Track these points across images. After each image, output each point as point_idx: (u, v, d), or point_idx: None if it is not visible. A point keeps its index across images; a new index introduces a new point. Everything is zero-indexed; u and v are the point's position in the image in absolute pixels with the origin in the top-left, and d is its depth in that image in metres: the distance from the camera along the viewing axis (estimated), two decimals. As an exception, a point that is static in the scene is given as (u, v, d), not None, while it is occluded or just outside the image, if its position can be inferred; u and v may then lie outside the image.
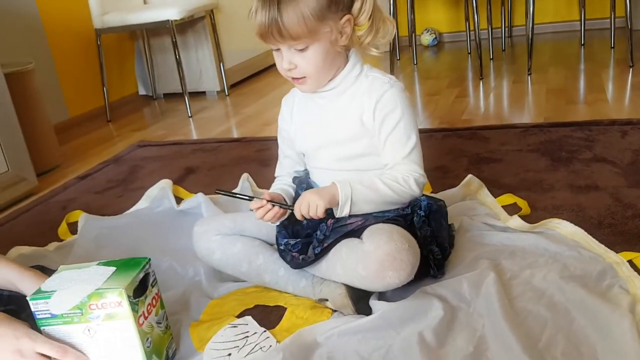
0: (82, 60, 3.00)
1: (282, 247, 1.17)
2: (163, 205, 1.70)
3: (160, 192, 1.74)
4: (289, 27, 1.00)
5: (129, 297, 0.91)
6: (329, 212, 1.08)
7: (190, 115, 2.86)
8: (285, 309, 1.12)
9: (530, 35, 2.69)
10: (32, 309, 0.92)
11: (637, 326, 0.91)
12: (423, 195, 1.13)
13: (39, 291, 0.93)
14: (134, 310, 0.92)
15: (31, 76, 2.24)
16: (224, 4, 3.18)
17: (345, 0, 1.04)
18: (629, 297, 0.99)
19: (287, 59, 1.05)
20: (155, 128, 2.77)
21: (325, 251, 1.09)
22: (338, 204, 1.05)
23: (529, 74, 2.70)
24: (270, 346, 1.00)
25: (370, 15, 1.07)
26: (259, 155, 2.07)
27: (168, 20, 2.72)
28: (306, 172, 1.25)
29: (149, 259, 0.99)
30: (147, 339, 0.95)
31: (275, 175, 1.30)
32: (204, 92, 3.30)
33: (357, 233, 1.09)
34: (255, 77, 3.56)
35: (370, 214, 1.10)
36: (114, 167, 2.19)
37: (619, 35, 3.10)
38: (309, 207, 1.05)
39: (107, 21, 2.82)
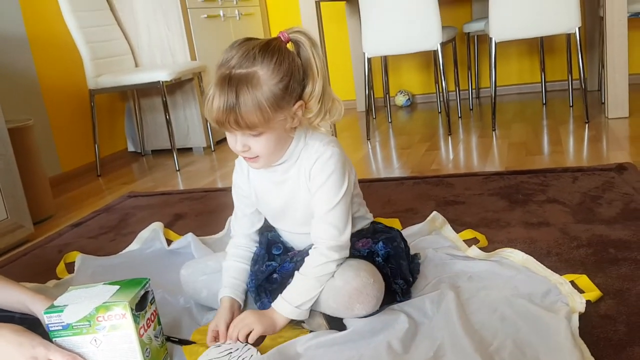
0: (76, 119, 3.17)
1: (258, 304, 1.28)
2: (154, 246, 1.83)
3: (152, 233, 1.87)
4: (246, 116, 1.05)
5: (131, 309, 1.04)
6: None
7: (177, 168, 3.02)
8: (269, 329, 1.25)
9: (493, 96, 2.93)
10: (46, 322, 1.05)
11: (571, 329, 1.06)
12: (380, 242, 1.24)
13: (52, 306, 1.06)
14: (136, 322, 1.05)
15: (31, 131, 2.40)
16: (211, 66, 3.40)
17: (297, 88, 1.11)
18: (567, 308, 1.14)
19: (240, 142, 1.11)
20: (144, 181, 2.91)
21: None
22: (275, 331, 1.16)
23: (493, 130, 2.93)
24: (252, 355, 1.13)
25: (320, 99, 1.13)
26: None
27: (159, 82, 2.92)
28: (274, 232, 1.35)
29: (149, 279, 1.13)
30: (147, 349, 1.07)
31: (232, 234, 1.37)
32: (190, 148, 3.48)
33: None
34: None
35: None
36: (105, 215, 2.32)
37: (577, 95, 3.37)
38: (244, 329, 1.14)
39: (101, 82, 3.01)
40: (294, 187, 1.21)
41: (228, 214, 2.04)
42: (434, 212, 1.70)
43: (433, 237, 1.58)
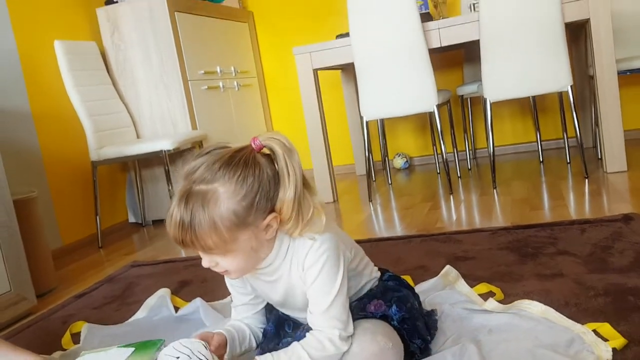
0: (77, 191, 3.18)
1: None
2: (161, 313, 1.79)
3: (159, 300, 1.84)
4: (201, 238, 0.97)
5: (148, 371, 1.00)
6: None
7: (180, 238, 2.99)
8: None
9: (492, 155, 2.97)
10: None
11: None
12: (394, 305, 1.19)
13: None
14: (152, 383, 1.01)
15: (34, 203, 2.40)
16: (212, 136, 3.45)
17: (266, 203, 1.02)
18: (594, 356, 1.12)
19: (206, 259, 1.04)
20: (146, 251, 2.89)
21: None
22: None
23: (494, 188, 2.94)
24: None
25: (294, 209, 1.03)
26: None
27: (162, 151, 2.95)
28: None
29: (163, 340, 1.10)
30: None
31: (232, 318, 1.29)
32: (191, 218, 3.46)
33: None
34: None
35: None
36: (108, 285, 2.28)
37: (573, 152, 3.43)
38: None
39: (104, 154, 3.04)
40: (288, 282, 1.14)
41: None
42: (447, 266, 1.68)
43: (447, 292, 1.55)
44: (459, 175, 3.44)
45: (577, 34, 3.50)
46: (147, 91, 3.37)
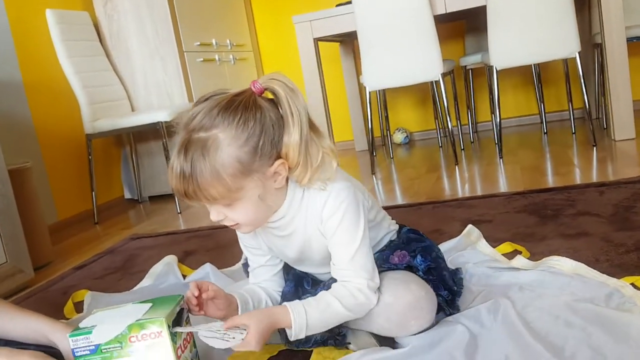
0: (72, 165, 3.08)
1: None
2: (168, 281, 1.72)
3: (165, 267, 1.76)
4: (204, 188, 0.91)
5: (168, 327, 0.93)
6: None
7: (179, 211, 2.92)
8: (311, 351, 1.14)
9: (498, 122, 2.91)
10: (71, 346, 0.93)
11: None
12: (418, 255, 1.13)
13: (77, 329, 0.95)
14: (173, 341, 0.94)
15: (29, 174, 2.31)
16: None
17: (268, 148, 0.95)
18: (638, 307, 1.06)
19: (215, 211, 0.98)
20: (144, 225, 2.80)
21: None
22: (291, 327, 1.00)
23: (500, 158, 2.88)
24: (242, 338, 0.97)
25: (301, 153, 0.96)
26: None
27: (159, 122, 2.85)
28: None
29: (183, 296, 1.03)
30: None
31: (251, 283, 1.22)
32: (189, 193, 3.37)
33: None
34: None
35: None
36: (109, 257, 2.20)
37: (577, 124, 3.37)
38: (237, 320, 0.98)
39: (98, 126, 2.94)
40: (304, 236, 1.07)
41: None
42: (470, 226, 1.62)
43: (470, 252, 1.49)
44: (462, 147, 3.37)
45: (581, 2, 3.43)
46: (142, 63, 3.26)
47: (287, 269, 1.24)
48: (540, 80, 3.62)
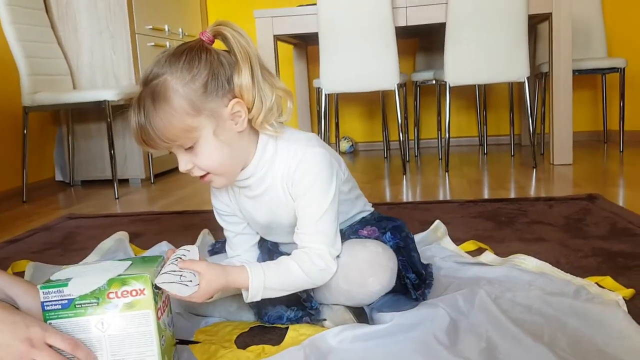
0: (3, 138, 2.88)
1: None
2: (118, 257, 1.62)
3: (116, 243, 1.66)
4: (159, 129, 0.92)
5: (152, 285, 0.87)
6: None
7: (117, 196, 2.78)
8: (285, 328, 1.10)
9: (448, 137, 2.98)
10: (42, 299, 0.85)
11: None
12: (388, 232, 1.14)
13: (49, 281, 0.87)
14: (155, 301, 0.87)
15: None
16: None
17: (219, 86, 0.95)
18: (611, 302, 1.09)
19: (182, 160, 0.97)
20: (78, 207, 2.65)
21: None
22: (247, 288, 0.99)
23: (446, 171, 2.96)
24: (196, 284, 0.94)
25: (254, 91, 0.96)
26: (208, 223, 2.04)
27: (105, 101, 2.72)
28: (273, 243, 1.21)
29: (163, 257, 0.96)
30: (162, 337, 0.90)
31: (228, 256, 1.19)
32: (126, 180, 3.24)
33: None
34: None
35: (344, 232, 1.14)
36: (45, 233, 2.06)
37: (508, 149, 3.51)
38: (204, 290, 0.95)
39: (38, 99, 2.77)
40: (274, 198, 1.06)
41: (195, 232, 1.87)
42: (437, 221, 1.63)
43: (436, 247, 1.50)
44: (407, 159, 3.43)
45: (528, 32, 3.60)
46: (90, 39, 3.11)
47: (260, 244, 1.21)
48: (485, 103, 3.75)
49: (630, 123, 3.59)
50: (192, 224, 2.05)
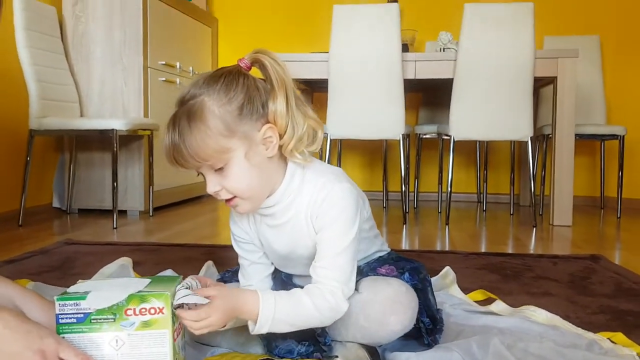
0: (5, 160, 2.86)
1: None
2: (119, 284, 1.59)
3: (119, 269, 1.63)
4: (193, 148, 0.92)
5: (171, 304, 0.85)
6: None
7: (115, 226, 2.75)
8: (296, 362, 1.07)
9: (449, 190, 3.00)
10: (57, 311, 0.83)
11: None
12: (406, 273, 1.14)
13: (66, 293, 0.85)
14: (172, 321, 0.85)
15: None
16: (164, 128, 3.25)
17: (253, 110, 0.96)
18: (626, 357, 1.08)
19: (211, 181, 0.97)
20: (76, 234, 2.61)
21: None
22: (255, 318, 0.95)
23: (447, 224, 2.96)
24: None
25: (288, 118, 0.97)
26: (209, 257, 2.02)
27: (113, 130, 2.73)
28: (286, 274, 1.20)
29: (181, 277, 0.95)
30: (176, 352, 0.87)
31: (242, 285, 1.16)
32: (125, 211, 3.21)
33: None
34: (181, 204, 3.55)
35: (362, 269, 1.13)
36: (43, 257, 2.02)
37: (508, 209, 3.54)
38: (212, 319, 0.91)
39: (46, 123, 2.77)
40: (296, 229, 1.05)
41: (196, 265, 1.85)
42: (447, 267, 1.62)
43: (444, 294, 1.49)
44: (407, 211, 3.44)
45: (531, 97, 3.69)
46: (102, 69, 3.15)
47: (273, 275, 1.19)
48: (486, 161, 3.80)
49: (628, 191, 3.63)
50: (194, 256, 2.03)
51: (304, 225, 1.04)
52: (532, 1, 2.85)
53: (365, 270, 1.14)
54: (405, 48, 3.13)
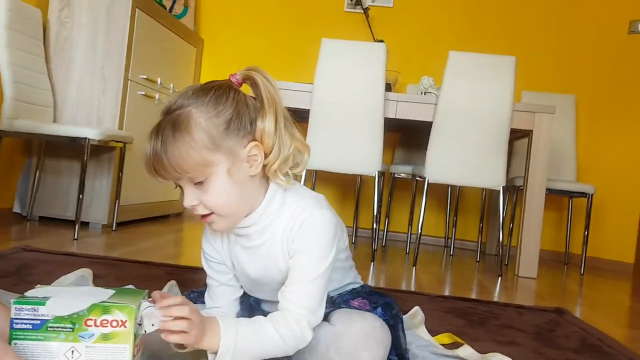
0: (-31, 158, 2.77)
1: None
2: (77, 295, 1.52)
3: (79, 279, 1.56)
4: (174, 158, 0.89)
5: (135, 319, 0.81)
6: None
7: (76, 237, 2.66)
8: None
9: (420, 232, 3.00)
10: (12, 315, 0.78)
11: None
12: (379, 307, 1.11)
13: (23, 297, 0.80)
14: (134, 336, 0.81)
15: None
16: (137, 142, 3.20)
17: (241, 126, 0.94)
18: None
19: (189, 195, 0.94)
20: (35, 242, 2.52)
21: None
22: (215, 349, 0.90)
23: (414, 265, 2.95)
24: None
25: (275, 138, 0.96)
26: (172, 276, 1.96)
27: (86, 138, 2.67)
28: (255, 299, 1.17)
29: (146, 292, 0.90)
30: (135, 378, 0.82)
31: (207, 307, 1.12)
32: (87, 223, 3.12)
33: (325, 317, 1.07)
34: (146, 222, 3.46)
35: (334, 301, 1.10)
36: (-3, 261, 1.94)
37: (474, 256, 3.55)
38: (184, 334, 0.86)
39: (17, 125, 2.69)
40: (270, 253, 1.03)
41: (159, 284, 1.78)
42: (416, 307, 1.60)
43: (411, 334, 1.46)
44: (375, 248, 3.42)
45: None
46: (81, 76, 3.09)
47: (241, 300, 1.15)
48: (457, 206, 3.82)
49: (593, 249, 3.69)
50: (157, 275, 1.97)
51: (278, 249, 1.02)
52: (514, 55, 2.92)
53: (338, 301, 1.12)
54: (388, 87, 3.17)
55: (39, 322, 0.78)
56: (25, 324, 0.78)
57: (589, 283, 3.08)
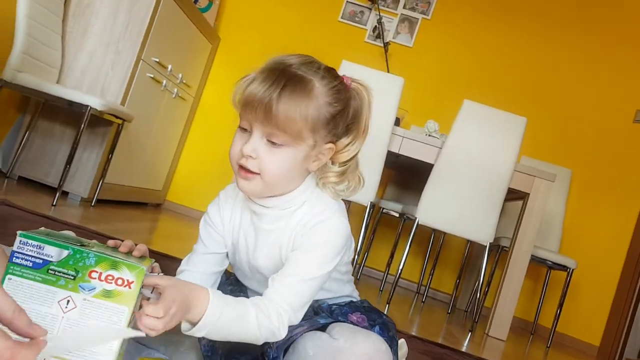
0: (-37, 101, 2.68)
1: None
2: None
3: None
4: (281, 114, 0.89)
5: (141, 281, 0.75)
6: None
7: (54, 204, 2.57)
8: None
9: (398, 274, 2.96)
10: (15, 247, 0.72)
11: None
12: (377, 326, 1.08)
13: (30, 232, 0.74)
14: (136, 300, 0.75)
15: None
16: (135, 121, 3.13)
17: (339, 130, 0.98)
18: None
19: (252, 144, 0.92)
20: (13, 199, 2.42)
21: (283, 347, 1.00)
22: (196, 320, 0.85)
23: (387, 303, 2.90)
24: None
25: (349, 160, 1.01)
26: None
27: (88, 106, 2.60)
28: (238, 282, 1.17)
29: (153, 260, 0.85)
30: (123, 344, 0.76)
31: (180, 269, 1.07)
32: (66, 192, 3.02)
33: (322, 327, 1.03)
34: (126, 205, 3.37)
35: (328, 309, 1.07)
36: (-27, 208, 1.85)
37: (446, 307, 3.52)
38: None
39: (21, 78, 2.61)
40: (277, 241, 1.01)
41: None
42: (402, 340, 1.54)
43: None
44: (349, 279, 3.37)
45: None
46: (94, 46, 3.03)
47: (230, 288, 1.12)
48: (438, 255, 3.80)
49: (561, 324, 3.68)
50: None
51: (285, 239, 1.00)
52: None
53: (337, 312, 1.07)
54: (397, 122, 3.16)
55: (41, 261, 0.72)
56: (26, 260, 0.72)
57: (554, 356, 3.06)
